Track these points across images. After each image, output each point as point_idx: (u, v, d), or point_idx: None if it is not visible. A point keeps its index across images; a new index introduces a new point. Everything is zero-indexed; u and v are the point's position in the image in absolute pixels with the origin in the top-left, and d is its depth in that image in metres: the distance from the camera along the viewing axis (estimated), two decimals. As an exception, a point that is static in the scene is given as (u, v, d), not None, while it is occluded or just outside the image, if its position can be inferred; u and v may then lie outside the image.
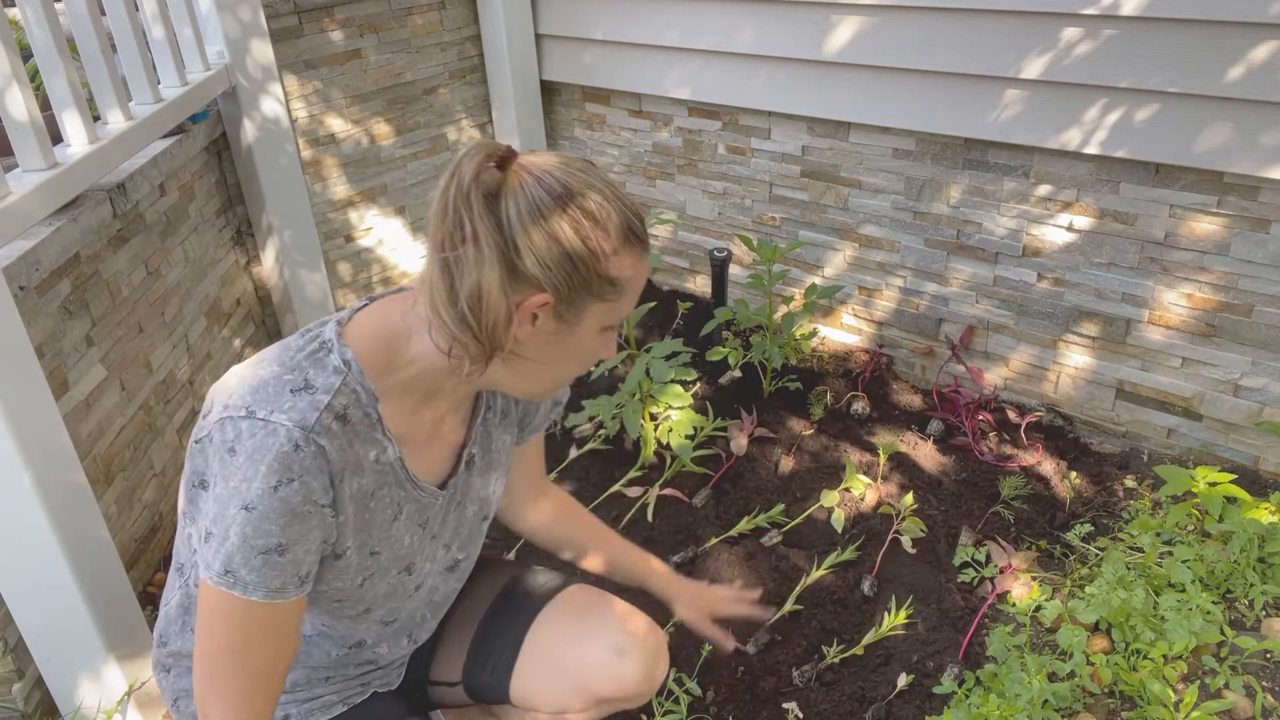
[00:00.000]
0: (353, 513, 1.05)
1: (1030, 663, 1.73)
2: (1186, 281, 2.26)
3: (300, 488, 0.96)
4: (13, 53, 1.63)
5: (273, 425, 0.96)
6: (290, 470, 0.95)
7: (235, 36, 2.54)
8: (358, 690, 1.29)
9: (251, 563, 0.97)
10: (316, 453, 0.97)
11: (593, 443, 2.58)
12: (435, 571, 1.26)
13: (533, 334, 1.02)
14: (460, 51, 3.27)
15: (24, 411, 1.52)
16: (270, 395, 0.98)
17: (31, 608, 1.63)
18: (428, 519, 1.18)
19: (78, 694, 1.71)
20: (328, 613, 1.16)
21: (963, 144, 2.49)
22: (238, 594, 0.98)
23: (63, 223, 1.77)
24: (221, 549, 0.97)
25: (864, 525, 2.25)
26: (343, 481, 1.02)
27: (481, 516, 1.30)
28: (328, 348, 1.03)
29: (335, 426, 0.99)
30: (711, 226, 3.22)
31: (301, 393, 0.99)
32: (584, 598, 1.42)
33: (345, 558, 1.08)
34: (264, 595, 0.99)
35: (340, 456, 1.00)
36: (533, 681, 1.36)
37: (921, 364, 2.85)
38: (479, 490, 1.26)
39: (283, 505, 0.96)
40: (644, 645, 1.35)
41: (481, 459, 1.25)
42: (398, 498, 1.11)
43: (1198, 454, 2.38)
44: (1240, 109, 2.01)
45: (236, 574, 0.97)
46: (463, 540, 1.28)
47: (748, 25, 2.72)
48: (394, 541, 1.14)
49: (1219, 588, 1.91)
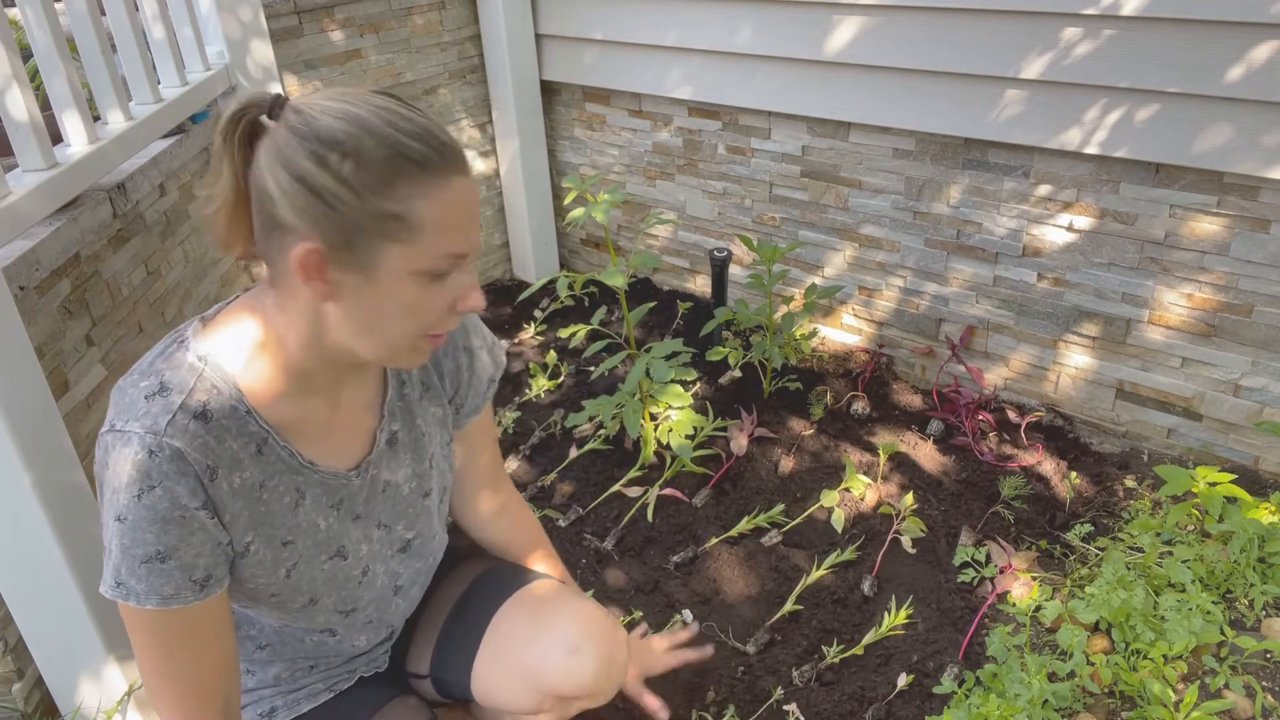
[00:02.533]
0: (242, 508, 1.04)
1: (1030, 663, 1.73)
2: (1186, 281, 2.26)
3: (163, 494, 0.95)
4: (13, 53, 1.63)
5: (128, 435, 0.95)
6: (149, 478, 0.95)
7: (235, 37, 2.54)
8: (344, 677, 1.29)
9: (137, 572, 0.97)
10: (172, 456, 0.95)
11: (593, 443, 2.58)
12: (385, 555, 1.23)
13: (336, 288, 0.95)
14: (460, 51, 3.27)
15: (24, 411, 1.52)
16: (127, 405, 0.98)
17: (32, 608, 1.63)
18: (341, 500, 1.15)
19: (78, 694, 1.71)
20: (275, 609, 1.15)
21: (963, 144, 2.49)
22: (133, 604, 0.99)
23: (63, 223, 1.77)
24: (109, 562, 0.98)
25: (864, 525, 2.25)
26: (215, 480, 0.99)
27: (422, 493, 1.25)
28: (184, 345, 1.02)
29: (194, 426, 0.97)
30: (711, 226, 3.22)
31: (155, 397, 0.98)
32: (543, 592, 1.37)
33: (253, 553, 1.07)
34: (157, 603, 0.99)
35: (205, 455, 0.98)
36: (490, 680, 1.33)
37: (921, 364, 2.85)
38: (413, 467, 1.22)
39: (150, 513, 0.96)
40: (599, 640, 1.28)
41: (407, 435, 1.21)
42: (294, 484, 1.09)
43: (1198, 454, 2.38)
44: (1241, 109, 2.01)
45: (126, 584, 0.98)
46: (408, 519, 1.25)
47: (748, 25, 2.72)
48: (305, 528, 1.11)
49: (1219, 588, 1.91)
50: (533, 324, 3.30)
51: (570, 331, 2.41)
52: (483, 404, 1.34)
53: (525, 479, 2.50)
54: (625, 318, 2.40)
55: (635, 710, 1.81)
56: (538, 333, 3.24)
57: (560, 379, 2.94)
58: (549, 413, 2.77)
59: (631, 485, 2.43)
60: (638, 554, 2.22)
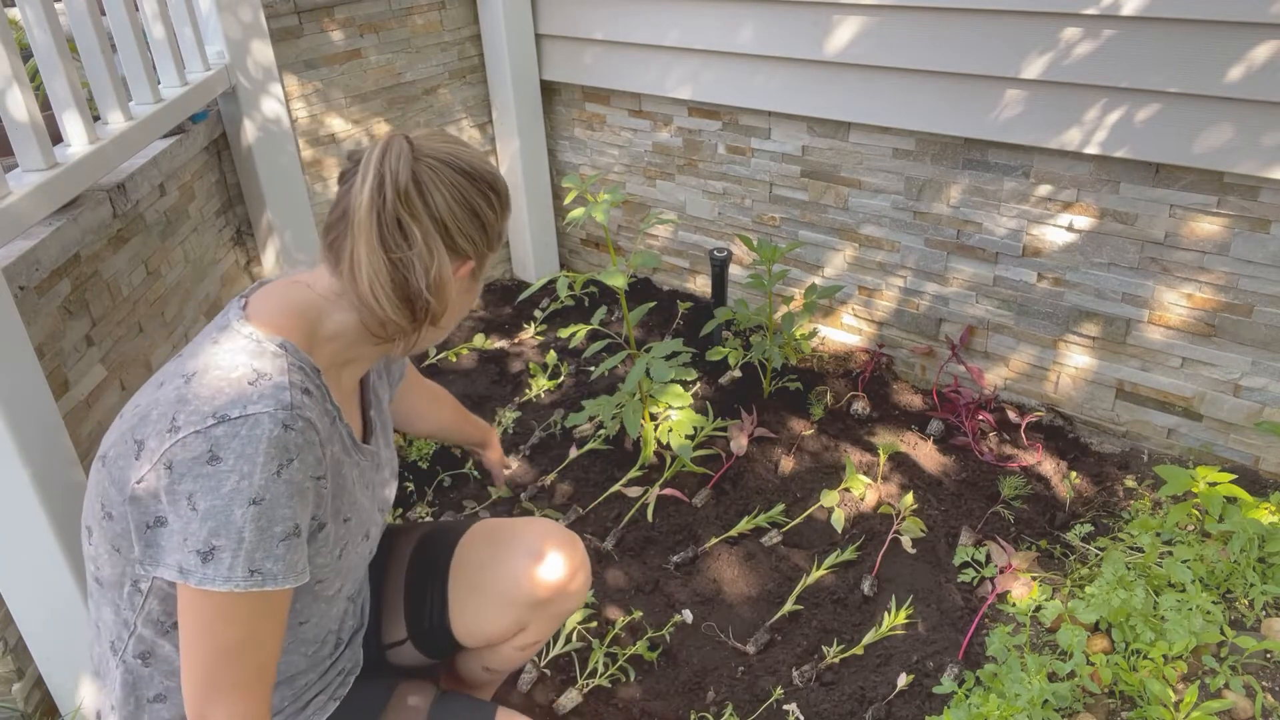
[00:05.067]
0: (331, 479, 1.09)
1: (1030, 663, 1.73)
2: (1187, 281, 2.26)
3: (300, 465, 0.99)
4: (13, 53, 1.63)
5: (253, 418, 0.97)
6: (287, 451, 0.98)
7: (235, 37, 2.54)
8: (339, 681, 1.30)
9: (275, 552, 0.98)
10: (306, 426, 1.00)
11: (593, 443, 2.58)
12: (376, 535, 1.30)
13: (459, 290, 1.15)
14: (460, 51, 3.27)
15: (24, 411, 1.52)
16: (231, 396, 0.99)
17: (32, 607, 1.63)
18: (370, 480, 1.23)
19: (78, 694, 1.71)
20: (309, 600, 1.16)
21: (963, 144, 2.49)
22: (268, 589, 0.99)
23: (63, 223, 1.77)
24: (239, 554, 0.96)
25: (864, 525, 2.25)
26: (326, 451, 1.05)
27: (394, 473, 1.35)
28: (255, 339, 1.05)
29: (305, 400, 1.03)
30: (711, 226, 3.22)
31: (259, 381, 1.00)
32: (492, 525, 1.50)
33: (325, 529, 1.10)
34: (292, 580, 1.01)
35: (321, 425, 1.04)
36: (469, 613, 1.41)
37: (921, 364, 2.85)
38: (385, 438, 1.33)
39: (289, 487, 0.98)
40: (559, 539, 1.43)
41: (378, 413, 1.31)
42: (350, 463, 1.16)
43: (1198, 454, 2.38)
44: (1241, 109, 2.01)
45: (263, 570, 0.98)
46: (389, 486, 1.34)
47: (748, 25, 2.72)
48: (359, 506, 1.18)
49: (1219, 588, 1.91)
50: (533, 324, 3.30)
51: (570, 331, 2.41)
52: (404, 369, 1.50)
53: (525, 479, 2.50)
54: (625, 318, 2.40)
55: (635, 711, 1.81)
56: (538, 333, 3.24)
57: (560, 379, 2.94)
58: (549, 413, 2.77)
59: (631, 485, 2.43)
60: (638, 554, 2.22)
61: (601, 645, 1.94)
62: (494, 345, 3.19)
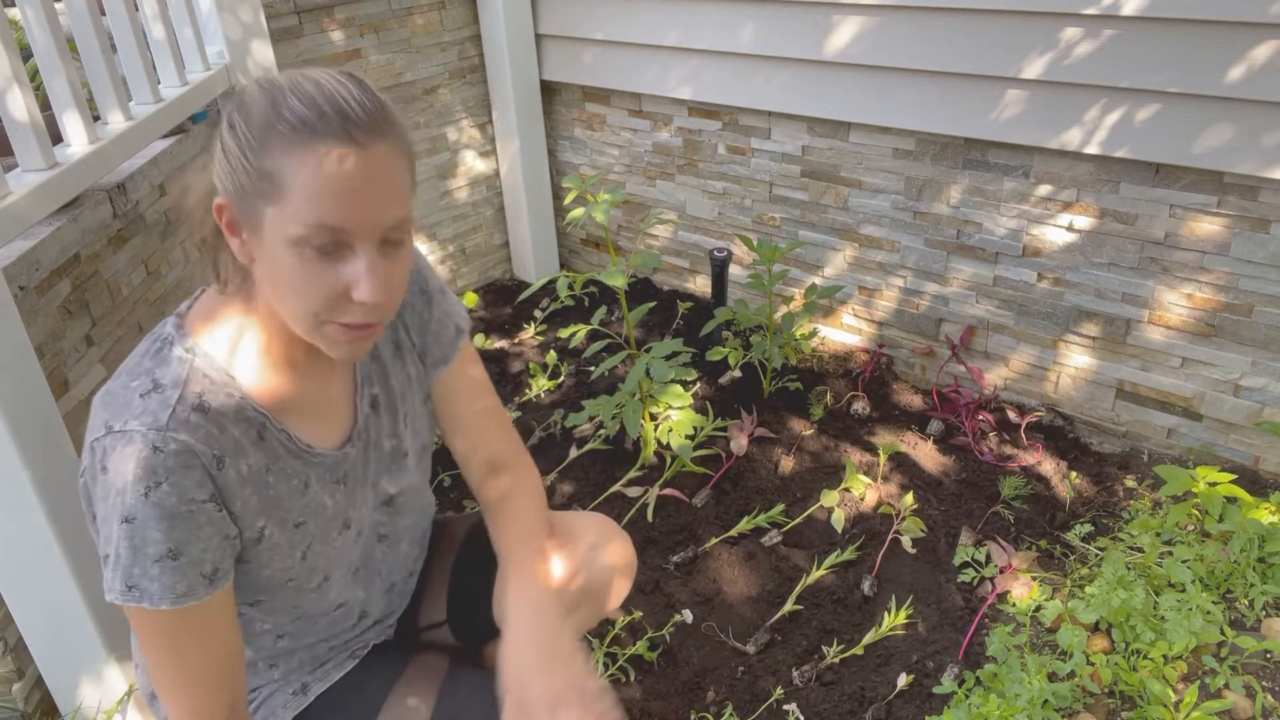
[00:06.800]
0: (252, 494, 1.04)
1: (1030, 663, 1.73)
2: (1187, 281, 2.26)
3: (171, 489, 0.95)
4: (13, 53, 1.63)
5: (129, 434, 0.94)
6: (155, 474, 0.94)
7: (235, 37, 2.54)
8: (361, 645, 1.31)
9: (150, 572, 0.96)
10: (178, 450, 0.95)
11: (593, 443, 2.58)
12: (371, 509, 1.23)
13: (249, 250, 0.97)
14: (460, 51, 3.27)
15: (24, 411, 1.52)
16: (121, 406, 0.97)
17: (32, 608, 1.63)
18: (344, 475, 1.15)
19: (78, 694, 1.71)
20: (293, 594, 1.15)
21: (963, 144, 2.49)
22: (146, 606, 0.97)
23: (63, 223, 1.77)
24: (118, 567, 0.96)
25: (864, 525, 2.25)
26: (223, 469, 0.99)
27: (401, 453, 1.24)
28: (169, 342, 1.02)
29: (194, 418, 0.97)
30: (711, 226, 3.22)
31: (150, 395, 0.97)
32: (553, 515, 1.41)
33: (267, 538, 1.07)
34: (171, 602, 0.98)
35: (210, 445, 0.98)
36: None
37: (921, 364, 2.85)
38: (391, 426, 1.22)
39: (158, 510, 0.95)
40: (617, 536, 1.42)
41: (384, 396, 1.21)
42: (298, 468, 1.09)
43: (1198, 454, 2.38)
44: (1241, 109, 2.01)
45: (139, 586, 0.97)
46: (390, 475, 1.24)
47: (748, 25, 2.72)
48: (315, 509, 1.12)
49: (1219, 588, 1.91)
50: (533, 324, 3.30)
51: (570, 331, 2.41)
52: (451, 355, 1.27)
53: (525, 479, 2.50)
54: (625, 318, 2.40)
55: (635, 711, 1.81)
56: (538, 333, 3.24)
57: (560, 379, 2.94)
58: (549, 413, 2.77)
59: (631, 485, 2.43)
60: (638, 554, 2.21)
61: (601, 645, 1.94)
62: (494, 345, 3.19)
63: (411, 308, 1.24)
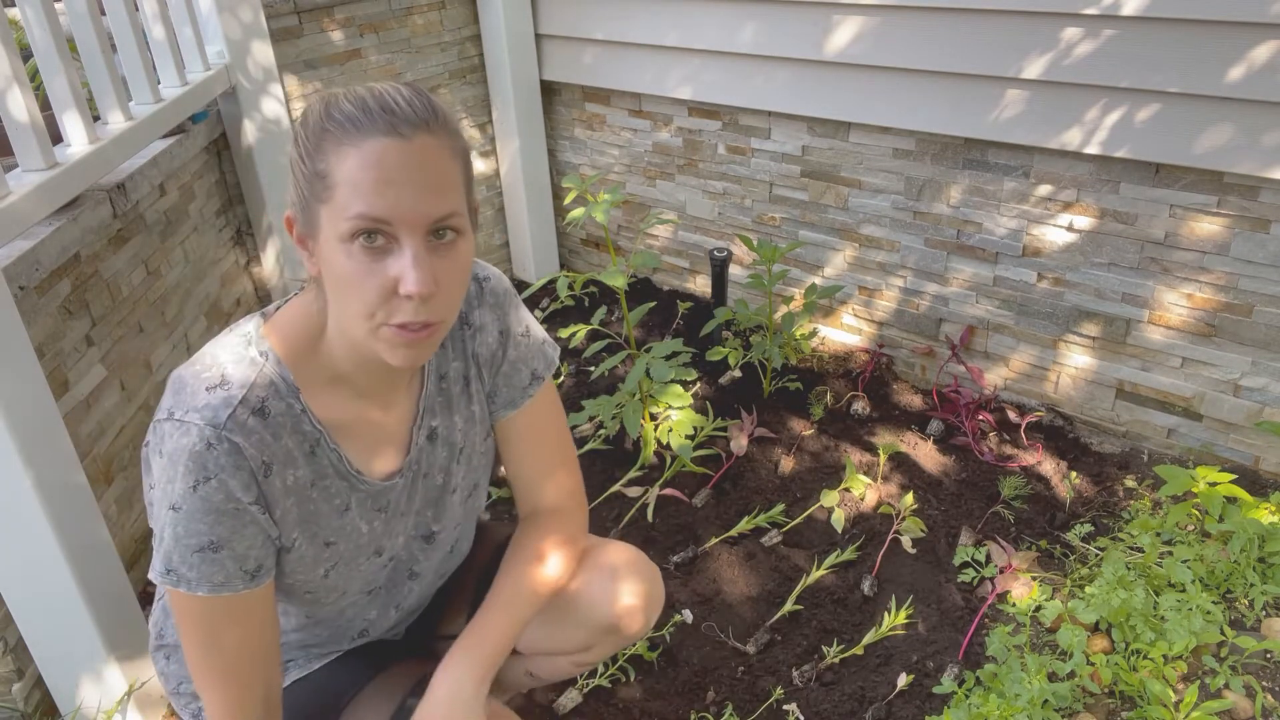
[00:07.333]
0: (293, 505, 1.05)
1: (1030, 663, 1.73)
2: (1187, 281, 2.26)
3: (219, 486, 0.96)
4: (13, 53, 1.63)
5: (186, 425, 0.96)
6: (205, 469, 0.96)
7: (235, 37, 2.54)
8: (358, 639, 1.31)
9: (189, 560, 0.98)
10: (229, 450, 0.96)
11: (593, 443, 2.58)
12: (404, 544, 1.22)
13: (315, 260, 0.98)
14: (460, 51, 3.27)
15: (24, 411, 1.52)
16: (188, 395, 0.98)
17: (32, 608, 1.63)
18: (387, 503, 1.15)
19: (78, 694, 1.71)
20: (309, 604, 1.16)
21: (963, 144, 2.49)
22: (183, 590, 0.99)
23: (63, 223, 1.77)
24: (160, 549, 0.99)
25: (864, 525, 2.25)
26: (270, 476, 1.00)
27: (450, 489, 1.23)
28: (248, 340, 1.03)
29: (252, 421, 0.99)
30: (711, 226, 3.22)
31: (216, 389, 0.98)
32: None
33: (296, 549, 1.07)
34: (208, 590, 0.99)
35: (261, 451, 0.99)
36: (536, 626, 1.34)
37: (921, 364, 2.85)
38: (444, 462, 1.21)
39: (204, 504, 0.96)
40: (641, 568, 1.35)
41: (445, 429, 1.19)
42: (342, 489, 1.09)
43: (1198, 454, 2.38)
44: (1241, 109, 2.01)
45: (177, 571, 0.99)
46: (436, 510, 1.23)
47: (748, 25, 2.72)
48: (349, 532, 1.12)
49: (1219, 588, 1.91)
50: (533, 324, 3.29)
51: (570, 331, 2.41)
52: (520, 401, 1.25)
53: (525, 479, 2.50)
54: (625, 318, 2.40)
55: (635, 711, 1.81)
56: (538, 333, 3.24)
57: (560, 379, 2.94)
58: (549, 413, 2.77)
59: (631, 485, 2.43)
60: (638, 554, 2.22)
61: (601, 645, 1.94)
62: (494, 345, 3.18)
63: (487, 345, 1.21)
